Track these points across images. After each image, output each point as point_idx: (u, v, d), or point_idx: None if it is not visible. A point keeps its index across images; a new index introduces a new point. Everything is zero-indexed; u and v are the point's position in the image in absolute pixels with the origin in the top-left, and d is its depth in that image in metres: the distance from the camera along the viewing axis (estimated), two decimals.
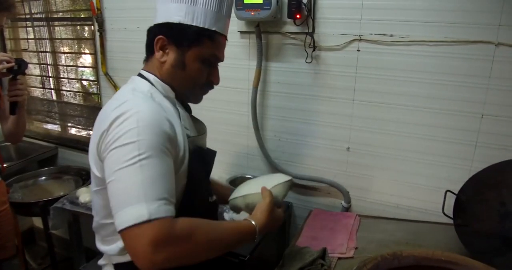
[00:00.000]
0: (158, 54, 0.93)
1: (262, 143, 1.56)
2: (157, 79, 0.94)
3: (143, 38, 0.96)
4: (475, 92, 1.21)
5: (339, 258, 1.14)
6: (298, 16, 1.34)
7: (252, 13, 1.38)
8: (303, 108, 1.47)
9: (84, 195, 1.64)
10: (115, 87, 1.93)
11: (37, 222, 2.51)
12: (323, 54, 1.38)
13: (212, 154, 1.10)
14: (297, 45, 1.42)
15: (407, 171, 1.36)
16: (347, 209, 1.47)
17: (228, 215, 1.37)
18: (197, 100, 1.03)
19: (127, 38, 1.81)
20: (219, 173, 1.66)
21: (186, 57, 0.93)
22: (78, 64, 2.23)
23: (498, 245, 1.09)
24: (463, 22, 1.17)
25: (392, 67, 1.29)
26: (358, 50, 1.33)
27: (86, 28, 2.06)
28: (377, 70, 1.32)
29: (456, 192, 1.20)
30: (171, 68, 0.93)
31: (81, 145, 2.26)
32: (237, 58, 1.55)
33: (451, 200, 1.19)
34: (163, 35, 0.91)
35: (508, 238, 1.10)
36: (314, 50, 1.38)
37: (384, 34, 1.28)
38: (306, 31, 1.37)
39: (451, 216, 1.18)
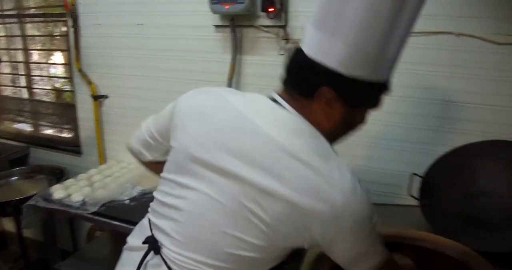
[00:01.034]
0: (319, 104, 0.74)
1: None
2: (319, 133, 0.75)
3: (119, 33, 0.96)
4: (439, 80, 1.28)
5: None
6: (271, 9, 1.39)
7: (227, 7, 1.42)
8: None
9: (58, 191, 1.62)
10: (90, 83, 1.92)
11: (8, 225, 2.45)
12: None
13: None
14: (270, 38, 1.46)
15: (374, 157, 1.42)
16: None
17: None
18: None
19: (102, 34, 1.81)
20: None
21: (356, 115, 0.80)
22: (51, 62, 2.21)
23: (460, 224, 1.15)
24: (426, 14, 1.22)
25: None
26: None
27: (60, 24, 2.05)
28: None
29: (422, 175, 1.26)
30: (335, 124, 0.76)
31: (54, 144, 2.23)
32: (212, 52, 1.58)
33: (417, 183, 1.26)
34: (331, 88, 0.71)
35: (470, 216, 1.16)
36: (287, 42, 1.42)
37: None
38: (279, 24, 1.42)
39: (417, 197, 1.24)
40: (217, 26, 1.55)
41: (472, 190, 1.20)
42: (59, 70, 2.23)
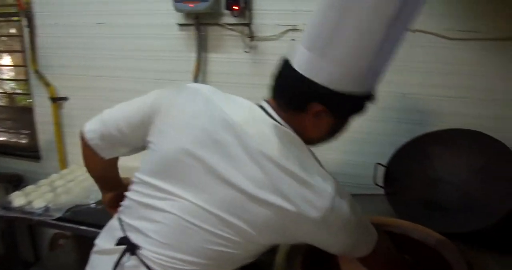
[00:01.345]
0: (308, 117, 0.77)
1: None
2: (303, 143, 0.78)
3: (78, 32, 0.93)
4: (398, 74, 1.34)
5: None
6: (235, 7, 1.41)
7: (191, 5, 1.42)
8: (243, 97, 1.52)
9: (18, 198, 1.54)
10: (48, 85, 1.85)
11: None
12: (260, 44, 1.46)
13: None
14: (235, 36, 1.48)
15: (339, 150, 1.47)
16: None
17: None
18: None
19: (60, 34, 1.75)
20: None
21: (342, 124, 0.83)
22: (4, 63, 2.11)
23: (422, 208, 1.22)
24: None
25: None
26: (293, 40, 1.42)
27: (13, 24, 1.96)
28: None
29: (385, 164, 1.32)
30: (321, 135, 0.82)
31: (11, 150, 2.13)
32: (177, 51, 1.58)
33: (381, 172, 1.32)
34: (321, 104, 0.74)
35: (432, 201, 1.23)
36: (251, 40, 1.45)
37: None
38: (244, 22, 1.44)
39: (382, 186, 1.30)
40: (181, 25, 1.55)
41: (432, 176, 1.27)
42: (13, 73, 2.13)
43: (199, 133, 0.77)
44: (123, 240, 0.82)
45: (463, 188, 1.21)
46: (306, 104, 0.75)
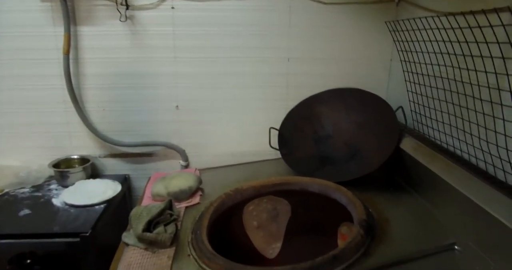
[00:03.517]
0: None
1: (84, 117, 1.43)
2: None
3: None
4: (280, 39, 1.38)
5: (186, 207, 1.14)
6: None
7: None
8: (124, 73, 1.41)
9: None
10: None
11: None
12: (137, 13, 1.35)
13: None
14: (108, 5, 1.34)
15: (235, 120, 1.46)
16: (186, 167, 1.49)
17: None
18: None
19: None
20: (38, 160, 1.45)
21: None
22: None
23: (317, 163, 1.29)
24: None
25: (208, 22, 1.36)
26: (173, 8, 1.35)
27: None
28: (194, 26, 1.36)
29: (278, 128, 1.36)
30: None
31: None
32: (40, 25, 1.37)
33: (275, 136, 1.35)
34: None
35: (323, 156, 1.30)
36: (127, 9, 1.33)
37: None
38: None
39: (278, 148, 1.34)
40: None
41: (321, 134, 1.34)
42: None
43: None
44: None
45: (349, 142, 1.30)
46: None
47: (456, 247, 0.85)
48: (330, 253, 0.81)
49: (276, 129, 1.36)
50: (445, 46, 0.96)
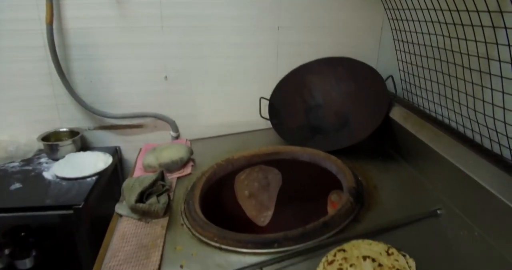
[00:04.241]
0: None
1: (71, 89, 1.40)
2: None
3: None
4: (270, 8, 1.35)
5: (178, 178, 1.15)
6: None
7: None
8: (111, 43, 1.37)
9: None
10: None
11: None
12: None
13: None
14: None
15: (225, 91, 1.45)
16: (177, 138, 1.49)
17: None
18: None
19: None
20: (27, 133, 1.43)
21: None
22: None
23: (307, 133, 1.30)
24: None
25: None
26: None
27: None
28: None
29: (269, 98, 1.35)
30: None
31: None
32: None
33: (266, 106, 1.35)
34: None
35: (313, 126, 1.31)
36: None
37: None
38: None
39: (268, 118, 1.34)
40: None
41: (311, 103, 1.34)
42: None
43: None
44: None
45: (339, 111, 1.30)
46: None
47: (441, 212, 0.88)
48: (320, 220, 0.83)
49: (266, 99, 1.36)
50: (436, 15, 0.95)
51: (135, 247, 0.85)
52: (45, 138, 1.41)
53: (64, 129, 1.46)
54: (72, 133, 1.44)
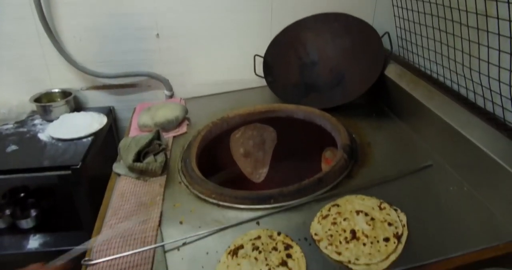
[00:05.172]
0: None
1: (61, 48, 1.36)
2: None
3: None
4: None
5: (174, 137, 1.16)
6: None
7: None
8: None
9: None
10: None
11: None
12: None
13: None
14: None
15: (218, 48, 1.42)
16: (171, 97, 1.48)
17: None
18: None
19: None
20: (18, 95, 1.41)
21: None
22: None
23: (302, 91, 1.29)
24: None
25: None
26: None
27: None
28: None
29: (263, 55, 1.33)
30: None
31: None
32: None
33: (260, 64, 1.34)
34: None
35: (308, 83, 1.31)
36: None
37: None
38: None
39: (263, 76, 1.33)
40: None
41: (306, 61, 1.33)
42: None
43: None
44: None
45: (334, 68, 1.29)
46: None
47: (433, 168, 0.90)
48: (315, 176, 0.85)
49: (261, 56, 1.34)
50: None
51: (135, 205, 0.87)
52: (37, 99, 1.39)
53: (56, 90, 1.44)
54: (65, 94, 1.42)
